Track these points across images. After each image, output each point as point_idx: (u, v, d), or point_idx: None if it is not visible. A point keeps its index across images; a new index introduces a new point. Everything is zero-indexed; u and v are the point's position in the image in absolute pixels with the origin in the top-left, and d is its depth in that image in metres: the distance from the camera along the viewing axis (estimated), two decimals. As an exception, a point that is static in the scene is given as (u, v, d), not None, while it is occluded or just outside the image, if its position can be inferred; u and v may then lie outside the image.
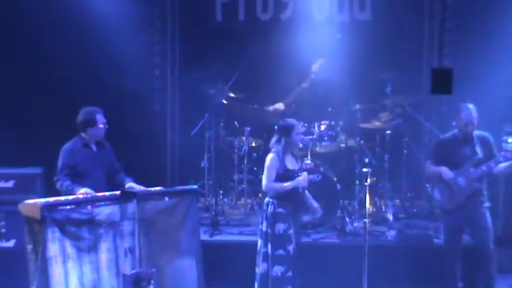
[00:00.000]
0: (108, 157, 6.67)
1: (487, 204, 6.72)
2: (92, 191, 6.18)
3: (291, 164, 6.45)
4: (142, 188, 6.41)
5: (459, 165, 6.67)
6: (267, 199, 6.45)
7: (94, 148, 6.59)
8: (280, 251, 6.30)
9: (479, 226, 6.65)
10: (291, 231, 6.35)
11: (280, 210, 6.34)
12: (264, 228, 6.41)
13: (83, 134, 6.55)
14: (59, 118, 8.63)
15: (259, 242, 6.47)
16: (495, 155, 6.61)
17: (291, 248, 6.32)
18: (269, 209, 6.37)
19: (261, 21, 9.64)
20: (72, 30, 8.73)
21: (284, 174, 6.37)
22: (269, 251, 6.32)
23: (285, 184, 6.34)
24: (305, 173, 6.45)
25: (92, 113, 6.55)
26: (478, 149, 6.65)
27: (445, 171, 6.68)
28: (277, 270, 6.30)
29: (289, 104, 8.97)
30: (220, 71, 9.14)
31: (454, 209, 6.70)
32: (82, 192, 6.15)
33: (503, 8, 8.37)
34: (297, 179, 6.36)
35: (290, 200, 6.37)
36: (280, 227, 6.32)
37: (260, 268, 6.40)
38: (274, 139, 6.57)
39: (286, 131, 6.46)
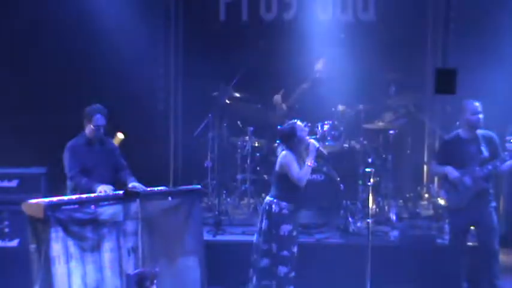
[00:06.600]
0: (112, 155, 6.68)
1: (494, 204, 6.69)
2: (111, 188, 6.22)
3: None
4: (144, 188, 6.41)
5: (465, 165, 6.63)
6: (268, 198, 6.42)
7: (97, 146, 6.60)
8: (285, 252, 6.31)
9: (486, 226, 6.62)
10: (295, 233, 6.37)
11: (285, 211, 6.32)
12: (263, 227, 6.38)
13: (85, 131, 6.57)
14: (62, 118, 8.63)
15: (256, 237, 6.46)
16: (500, 154, 6.59)
17: (295, 249, 6.34)
18: (273, 209, 6.34)
19: (264, 21, 9.64)
20: (75, 29, 8.72)
21: None
22: (273, 251, 6.32)
23: (308, 164, 6.28)
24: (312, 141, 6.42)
25: (91, 111, 6.55)
26: (483, 148, 6.62)
27: (450, 171, 6.65)
28: (281, 270, 6.32)
29: (293, 104, 8.96)
30: (223, 71, 9.14)
31: (460, 209, 6.66)
32: (101, 189, 6.19)
33: (507, 8, 8.35)
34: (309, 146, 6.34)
35: (293, 199, 6.34)
36: (286, 228, 6.31)
37: (261, 263, 6.39)
38: (279, 149, 6.49)
39: (291, 135, 6.40)
